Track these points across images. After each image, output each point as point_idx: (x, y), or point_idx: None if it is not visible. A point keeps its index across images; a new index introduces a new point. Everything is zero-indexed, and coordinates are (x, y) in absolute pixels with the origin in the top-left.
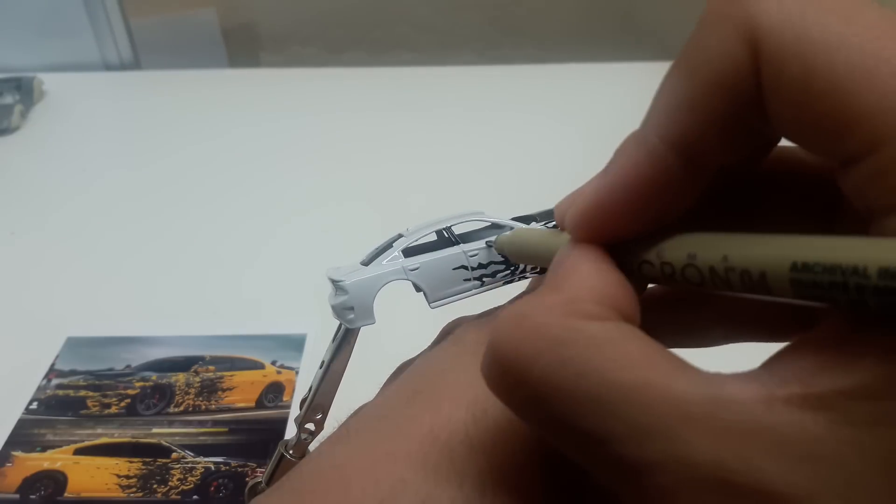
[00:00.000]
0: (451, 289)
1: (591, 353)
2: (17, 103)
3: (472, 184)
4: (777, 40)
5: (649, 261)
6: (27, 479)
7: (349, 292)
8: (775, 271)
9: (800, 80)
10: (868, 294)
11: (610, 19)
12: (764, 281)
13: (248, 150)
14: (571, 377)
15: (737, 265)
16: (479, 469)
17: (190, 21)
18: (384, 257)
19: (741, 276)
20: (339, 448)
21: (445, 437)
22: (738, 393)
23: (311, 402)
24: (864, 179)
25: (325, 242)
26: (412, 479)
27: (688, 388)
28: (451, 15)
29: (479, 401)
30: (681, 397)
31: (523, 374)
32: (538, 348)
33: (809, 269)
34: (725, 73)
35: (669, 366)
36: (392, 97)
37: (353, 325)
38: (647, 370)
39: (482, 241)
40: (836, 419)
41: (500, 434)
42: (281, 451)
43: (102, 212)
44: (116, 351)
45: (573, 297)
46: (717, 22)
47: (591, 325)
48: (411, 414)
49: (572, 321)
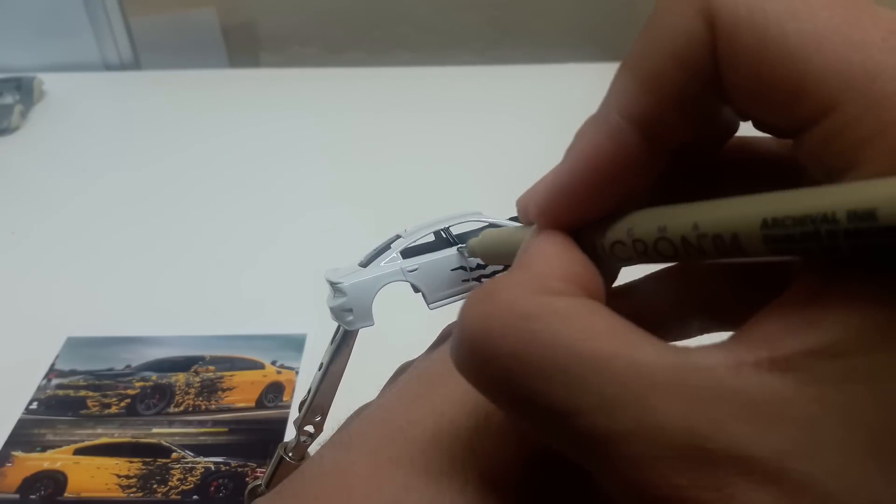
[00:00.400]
0: (449, 290)
1: (559, 326)
2: (17, 103)
3: (471, 184)
4: (731, 13)
5: (621, 240)
6: (27, 479)
7: (347, 294)
8: (747, 231)
9: (753, 51)
10: (840, 239)
11: (610, 19)
12: (737, 242)
13: (249, 151)
14: (540, 350)
15: (708, 231)
16: (482, 473)
17: (190, 21)
18: (382, 258)
19: (713, 242)
20: (342, 453)
21: (448, 443)
22: (705, 359)
23: (311, 405)
24: (819, 143)
25: (325, 242)
26: (415, 485)
27: (655, 356)
28: (451, 15)
29: (481, 406)
30: (648, 366)
31: (492, 351)
32: (506, 323)
33: (780, 224)
34: (683, 48)
35: (636, 337)
36: (392, 97)
37: (352, 326)
38: (613, 341)
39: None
40: (803, 379)
41: (502, 438)
42: (280, 453)
43: (102, 212)
44: (116, 351)
45: (539, 274)
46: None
47: (558, 299)
48: (414, 418)
49: (539, 296)
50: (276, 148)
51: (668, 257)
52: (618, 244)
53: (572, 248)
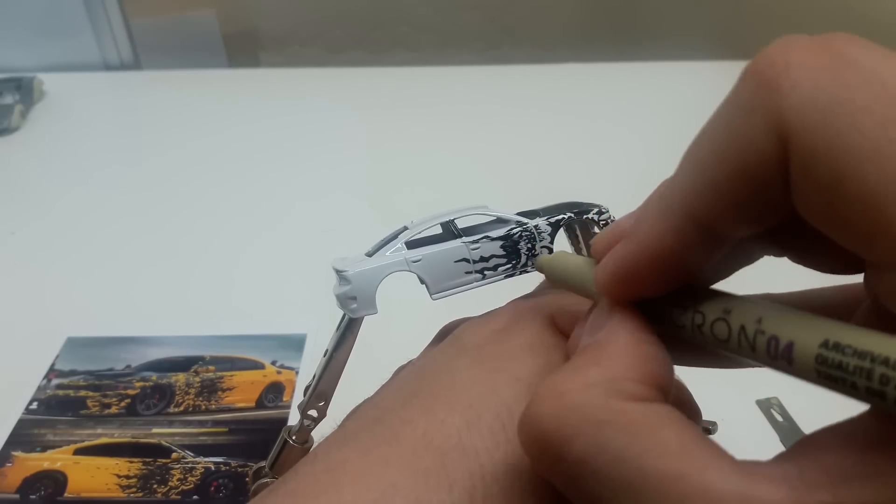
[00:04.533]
0: (452, 281)
1: (630, 439)
2: (17, 103)
3: (472, 183)
4: (808, 141)
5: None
6: (27, 479)
7: (352, 282)
8: (804, 344)
9: (828, 185)
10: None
11: (610, 19)
12: (789, 352)
13: (249, 151)
14: (609, 461)
15: (767, 330)
16: (470, 474)
17: (190, 21)
18: (388, 248)
19: (768, 342)
20: (335, 450)
21: (438, 442)
22: (767, 494)
23: (315, 390)
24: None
25: (325, 242)
26: (403, 484)
27: (720, 482)
28: (451, 15)
29: (473, 406)
30: (713, 492)
31: (561, 452)
32: (577, 429)
33: (840, 349)
34: (752, 164)
35: (704, 455)
36: (392, 97)
37: (356, 314)
38: (682, 460)
39: (484, 234)
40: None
41: (492, 440)
42: (284, 436)
43: (103, 212)
44: (116, 351)
45: (614, 374)
46: (748, 104)
47: (630, 407)
48: (406, 417)
49: (612, 402)
50: (276, 148)
51: (717, 340)
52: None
53: (646, 337)
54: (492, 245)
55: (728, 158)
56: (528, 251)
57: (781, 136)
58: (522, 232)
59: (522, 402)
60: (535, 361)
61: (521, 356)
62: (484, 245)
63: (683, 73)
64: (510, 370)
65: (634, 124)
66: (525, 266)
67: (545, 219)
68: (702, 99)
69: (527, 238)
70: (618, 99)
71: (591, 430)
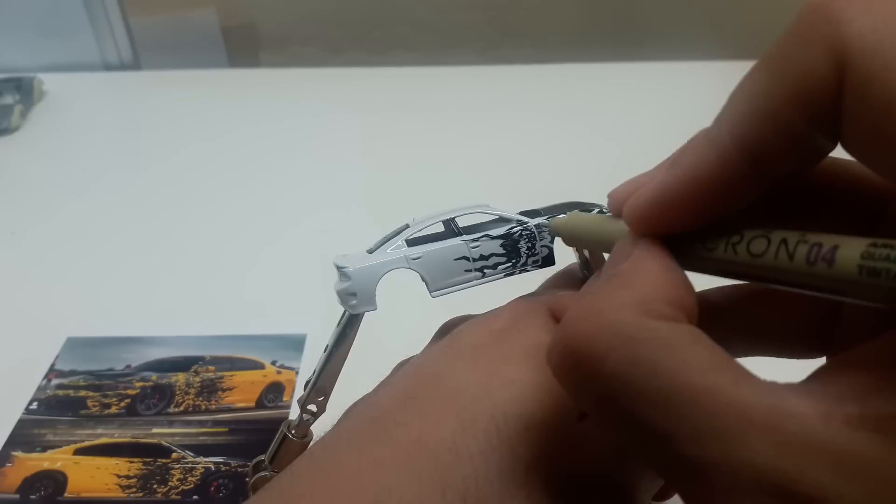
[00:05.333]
0: (452, 279)
1: (663, 354)
2: (17, 103)
3: (472, 183)
4: (865, 65)
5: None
6: (27, 480)
7: (352, 279)
8: (850, 245)
9: (882, 108)
10: None
11: (610, 19)
12: (832, 254)
13: (248, 151)
14: (643, 375)
15: (811, 239)
16: (463, 477)
17: (190, 21)
18: (388, 245)
19: (810, 248)
20: (331, 452)
21: (433, 445)
22: (798, 406)
23: (315, 385)
24: None
25: (324, 242)
26: (396, 487)
27: (751, 395)
28: (451, 15)
29: (468, 409)
30: (744, 404)
31: (595, 369)
32: (612, 344)
33: (888, 245)
34: (807, 90)
35: (735, 372)
36: (392, 97)
37: (356, 310)
38: (714, 374)
39: (484, 232)
40: (890, 442)
41: (486, 443)
42: (284, 430)
43: (103, 212)
44: (116, 351)
45: (645, 296)
46: (806, 35)
47: (663, 325)
48: (401, 419)
49: (645, 320)
50: (276, 148)
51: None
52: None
53: (672, 265)
54: (492, 244)
55: (784, 85)
56: (528, 250)
57: (838, 61)
58: (523, 231)
59: (517, 405)
60: (530, 364)
61: (518, 359)
62: (484, 243)
63: (683, 73)
64: (506, 373)
65: (635, 124)
66: (525, 265)
67: (546, 218)
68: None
69: (527, 237)
70: (618, 99)
71: (624, 346)
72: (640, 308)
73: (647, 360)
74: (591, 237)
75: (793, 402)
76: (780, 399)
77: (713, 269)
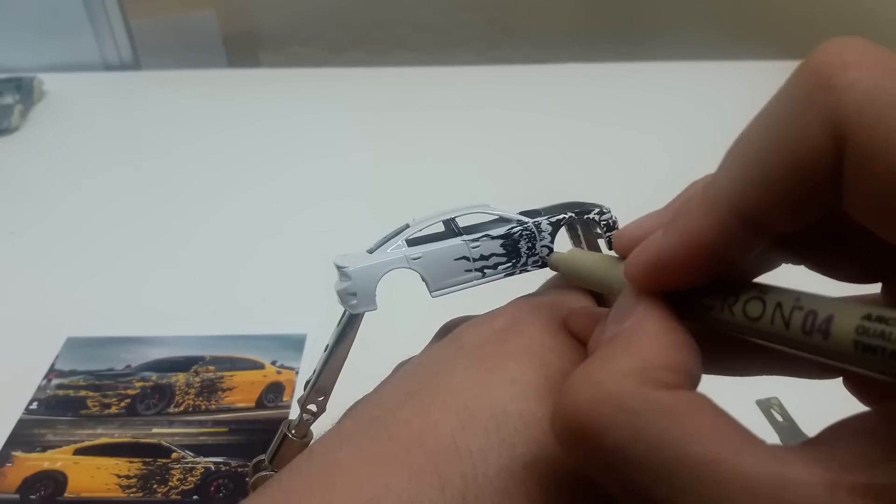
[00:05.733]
0: (452, 279)
1: (665, 426)
2: (17, 103)
3: (471, 183)
4: (866, 137)
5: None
6: (27, 480)
7: (352, 278)
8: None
9: (884, 180)
10: None
11: (610, 19)
12: (827, 325)
13: (248, 150)
14: (645, 449)
15: (806, 306)
16: (463, 475)
17: (190, 21)
18: (389, 245)
19: (805, 317)
20: (330, 449)
21: (432, 443)
22: (803, 476)
23: (315, 385)
24: None
25: (324, 242)
26: (395, 483)
27: (755, 465)
28: (451, 15)
29: (468, 407)
30: (748, 475)
31: (597, 442)
32: (613, 418)
33: (883, 320)
34: (806, 161)
35: (739, 440)
36: (392, 97)
37: (356, 310)
38: (717, 445)
39: (485, 232)
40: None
41: (486, 441)
42: (284, 430)
43: (102, 212)
44: (116, 351)
45: (646, 363)
46: (802, 105)
47: (665, 395)
48: (401, 416)
49: (646, 391)
50: (275, 148)
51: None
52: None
53: (675, 325)
54: (492, 243)
55: (781, 154)
56: (529, 250)
57: (837, 133)
58: (523, 231)
59: (518, 403)
60: (531, 364)
61: (519, 357)
62: (484, 243)
63: (685, 73)
64: (507, 371)
65: (635, 124)
66: (525, 265)
67: (546, 218)
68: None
69: (527, 237)
70: (619, 99)
71: (626, 418)
72: (642, 377)
73: (650, 433)
74: (590, 278)
75: (798, 470)
76: (786, 468)
77: (715, 327)
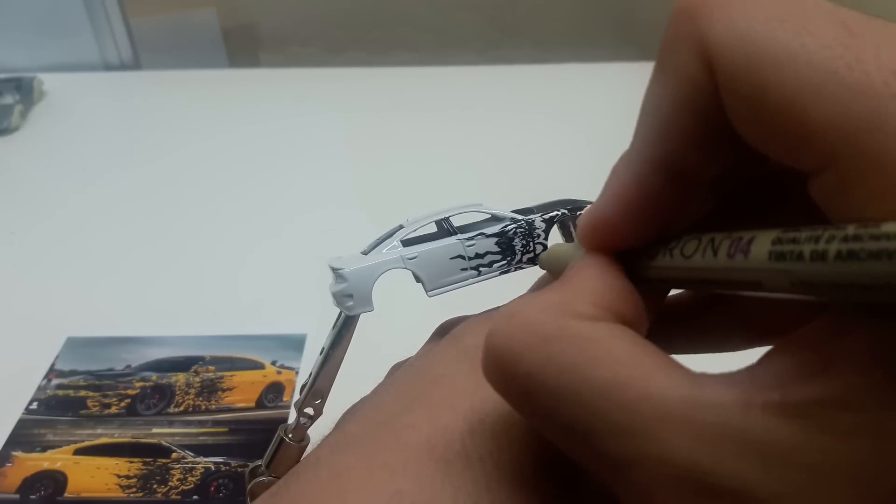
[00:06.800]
0: (448, 278)
1: (574, 350)
2: (17, 103)
3: (471, 183)
4: (728, 59)
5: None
6: (27, 480)
7: (348, 280)
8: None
9: (753, 98)
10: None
11: (610, 19)
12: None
13: (248, 150)
14: (554, 373)
15: (735, 235)
16: (474, 480)
17: (190, 21)
18: (384, 246)
19: (731, 243)
20: (338, 456)
21: (442, 448)
22: (716, 396)
23: (311, 388)
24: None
25: (324, 242)
26: (408, 491)
27: (667, 388)
28: (451, 15)
29: (475, 410)
30: (659, 397)
31: (512, 368)
32: (526, 343)
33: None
34: (688, 93)
35: (653, 365)
36: (392, 97)
37: (352, 311)
38: (628, 369)
39: (479, 231)
40: (810, 427)
41: (495, 445)
42: (281, 434)
43: (102, 212)
44: (116, 351)
45: (569, 297)
46: (675, 40)
47: (579, 323)
48: (409, 422)
49: (563, 319)
50: (276, 148)
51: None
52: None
53: (613, 272)
54: (487, 242)
55: (667, 94)
56: (523, 247)
57: (706, 60)
58: (517, 229)
59: None
60: None
61: None
62: (479, 242)
63: None
64: None
65: (634, 125)
66: (521, 262)
67: (539, 215)
68: None
69: (521, 235)
70: (618, 99)
71: (538, 344)
72: (560, 308)
73: (559, 359)
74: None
75: (711, 391)
76: (698, 389)
77: (656, 277)
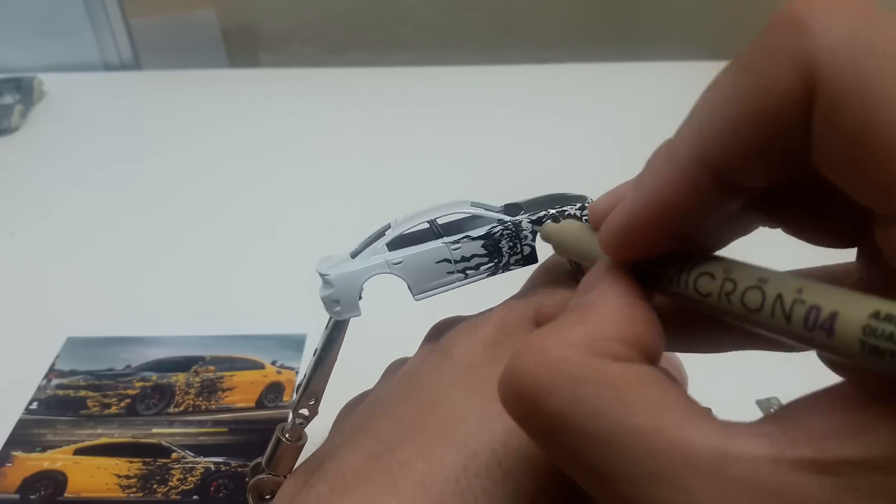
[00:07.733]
0: (434, 281)
1: (607, 395)
2: (17, 103)
3: (471, 183)
4: (837, 84)
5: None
6: (27, 480)
7: (335, 286)
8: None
9: (854, 129)
10: None
11: (610, 19)
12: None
13: (249, 150)
14: (585, 416)
15: (808, 299)
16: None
17: (190, 21)
18: (370, 251)
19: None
20: (337, 496)
21: (437, 489)
22: (747, 449)
23: (306, 389)
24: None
25: (324, 242)
26: None
27: (699, 438)
28: (451, 15)
29: (469, 443)
30: (691, 447)
31: (538, 404)
32: (556, 383)
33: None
34: (774, 105)
35: (684, 413)
36: (392, 97)
37: (340, 316)
38: (660, 416)
39: (465, 233)
40: (843, 487)
41: (490, 480)
42: (278, 434)
43: (102, 212)
44: (116, 351)
45: (597, 333)
46: (774, 47)
47: (611, 365)
48: (404, 458)
49: (592, 360)
50: (275, 148)
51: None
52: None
53: (635, 298)
54: (473, 244)
55: (749, 99)
56: (510, 249)
57: (808, 78)
58: (503, 230)
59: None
60: None
61: None
62: (465, 245)
63: (684, 73)
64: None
65: (635, 124)
66: (508, 264)
67: (527, 217)
68: None
69: (508, 236)
70: (618, 99)
71: (568, 384)
72: (590, 346)
73: (590, 401)
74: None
75: (743, 444)
76: (730, 442)
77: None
